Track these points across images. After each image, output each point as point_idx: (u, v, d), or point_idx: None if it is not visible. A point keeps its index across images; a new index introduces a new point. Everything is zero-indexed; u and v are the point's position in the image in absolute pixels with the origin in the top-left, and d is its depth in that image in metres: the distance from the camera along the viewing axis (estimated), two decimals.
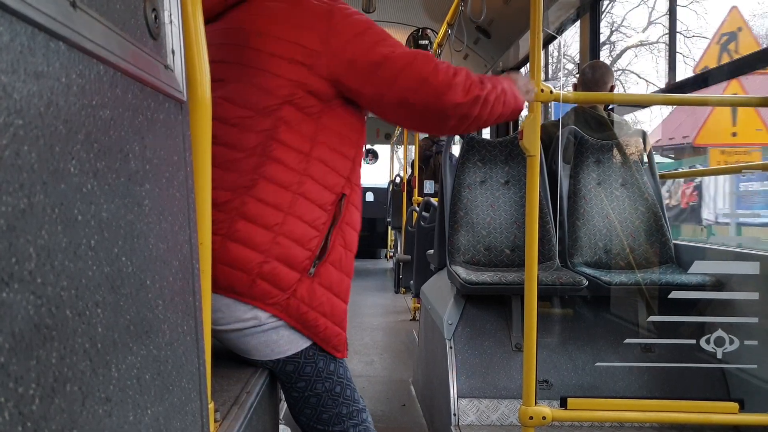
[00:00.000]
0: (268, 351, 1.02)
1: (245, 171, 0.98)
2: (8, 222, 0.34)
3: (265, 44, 1.02)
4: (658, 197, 2.51)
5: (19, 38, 0.36)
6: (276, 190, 0.98)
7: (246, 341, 1.02)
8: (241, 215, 0.96)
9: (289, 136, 1.01)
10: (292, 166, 1.00)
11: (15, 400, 0.33)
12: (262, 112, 1.00)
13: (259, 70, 1.01)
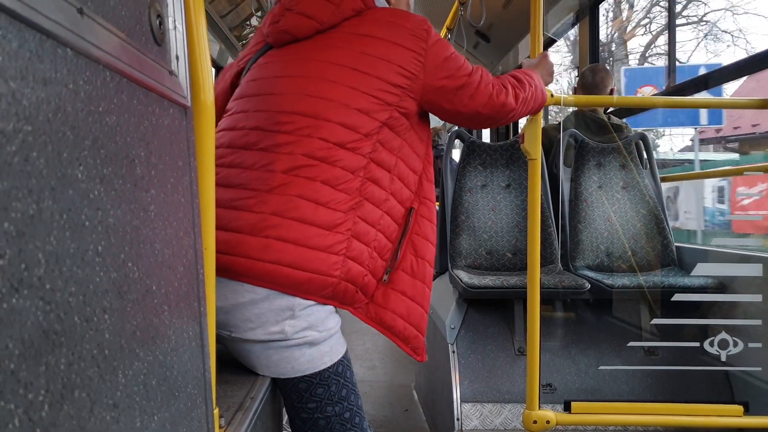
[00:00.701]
0: (288, 368, 1.02)
1: (353, 191, 1.02)
2: (18, 228, 0.34)
3: (368, 65, 1.06)
4: (659, 200, 2.51)
5: (27, 45, 0.36)
6: (373, 209, 1.05)
7: (268, 354, 1.01)
8: (354, 235, 1.02)
9: (384, 156, 1.07)
10: (384, 186, 1.07)
11: (25, 407, 0.33)
12: (366, 135, 1.05)
13: (363, 93, 1.05)
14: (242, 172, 1.02)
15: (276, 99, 1.07)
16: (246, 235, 0.97)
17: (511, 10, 3.54)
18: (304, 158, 1.00)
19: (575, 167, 2.54)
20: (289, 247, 0.96)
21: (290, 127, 1.02)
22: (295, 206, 0.97)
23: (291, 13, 1.12)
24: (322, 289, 0.99)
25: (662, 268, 2.40)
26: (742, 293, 1.92)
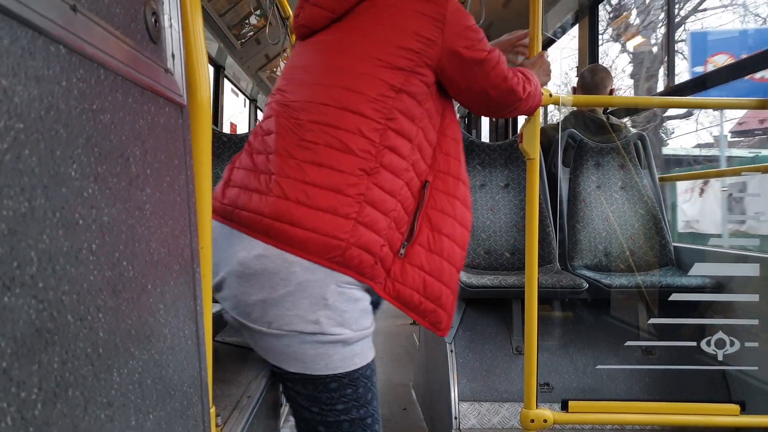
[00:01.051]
0: (322, 364, 1.00)
1: (365, 156, 1.01)
2: (9, 226, 0.33)
3: (381, 32, 1.06)
4: (657, 200, 2.51)
5: (19, 42, 0.36)
6: (393, 178, 1.03)
7: (304, 349, 0.99)
8: (368, 201, 1.00)
9: (404, 125, 1.06)
10: (404, 155, 1.06)
11: (17, 405, 0.33)
12: (375, 99, 1.03)
13: (370, 57, 1.05)
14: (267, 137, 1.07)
15: (291, 87, 1.10)
16: (254, 193, 1.01)
17: (510, 9, 3.54)
18: (309, 124, 1.01)
19: (574, 167, 2.54)
20: (291, 205, 0.97)
21: (297, 96, 1.06)
22: (300, 169, 0.99)
23: (308, 5, 1.13)
24: (327, 250, 0.97)
25: (660, 267, 2.40)
26: (739, 293, 1.92)
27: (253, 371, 1.09)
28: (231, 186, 1.07)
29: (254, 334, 1.02)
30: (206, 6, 3.49)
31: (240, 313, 1.01)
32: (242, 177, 1.05)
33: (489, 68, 1.13)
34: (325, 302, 0.98)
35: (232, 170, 1.10)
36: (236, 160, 1.12)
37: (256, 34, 4.31)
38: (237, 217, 1.01)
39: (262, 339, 1.01)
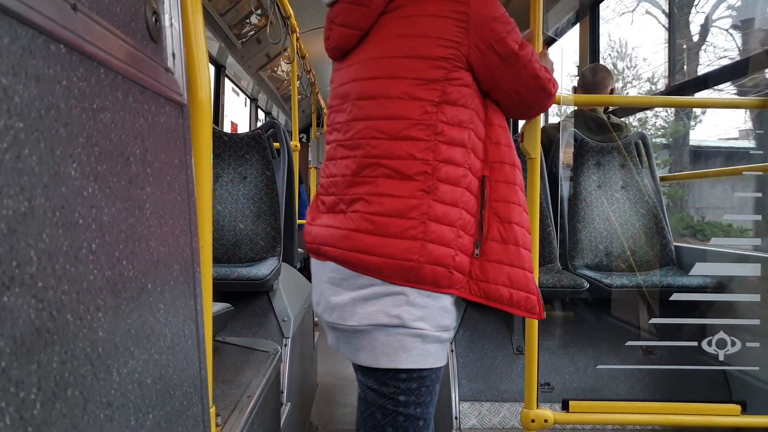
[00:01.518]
0: (402, 357, 1.04)
1: (419, 177, 1.04)
2: (9, 225, 0.33)
3: (407, 47, 1.05)
4: (658, 199, 2.51)
5: (19, 41, 0.36)
6: (451, 189, 1.05)
7: (389, 342, 1.04)
8: (431, 219, 1.03)
9: (454, 134, 1.05)
10: (460, 163, 1.06)
11: (16, 405, 0.32)
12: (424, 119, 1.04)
13: (403, 79, 1.05)
14: (333, 179, 1.15)
15: (341, 125, 1.14)
16: (330, 228, 1.10)
17: (511, 9, 3.53)
18: (364, 159, 1.06)
19: (575, 167, 2.54)
20: (362, 236, 1.04)
21: (349, 135, 1.10)
22: (365, 202, 1.05)
23: (335, 26, 1.14)
24: (401, 272, 1.02)
25: (661, 267, 2.40)
26: (740, 293, 1.92)
27: (253, 371, 1.09)
28: (316, 225, 1.16)
29: (345, 333, 1.08)
30: (207, 5, 3.49)
31: (332, 315, 1.08)
32: (324, 219, 1.14)
33: (520, 65, 1.09)
34: (406, 299, 1.04)
35: (315, 213, 1.19)
36: (315, 203, 1.21)
37: (257, 34, 4.31)
38: (323, 251, 1.11)
39: (354, 337, 1.07)
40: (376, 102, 1.06)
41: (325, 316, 1.11)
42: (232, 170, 2.52)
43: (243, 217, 2.46)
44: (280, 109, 6.43)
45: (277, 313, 2.20)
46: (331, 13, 1.15)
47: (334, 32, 1.14)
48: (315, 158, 5.21)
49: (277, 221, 2.46)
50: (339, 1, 1.13)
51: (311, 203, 1.22)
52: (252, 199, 2.48)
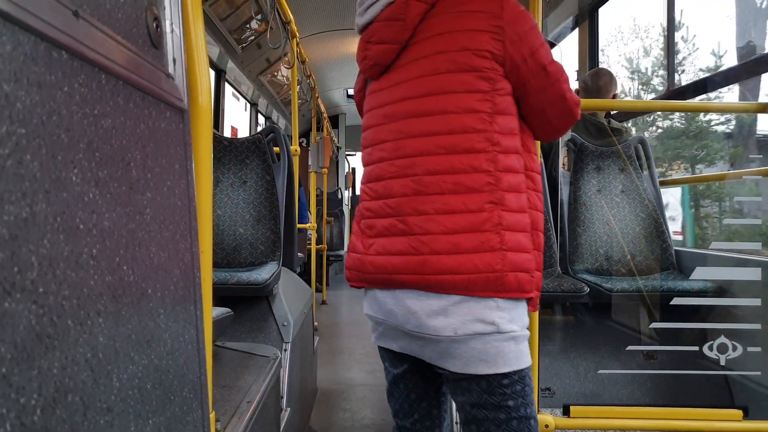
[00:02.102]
0: (501, 362, 1.04)
1: (484, 190, 1.03)
2: (10, 231, 0.33)
3: (449, 62, 1.05)
4: (658, 203, 2.51)
5: (21, 47, 0.36)
6: (517, 197, 1.06)
7: (486, 349, 1.04)
8: (505, 228, 1.03)
9: (509, 142, 1.06)
10: (518, 169, 1.07)
11: (17, 411, 0.32)
12: (482, 131, 1.04)
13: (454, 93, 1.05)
14: (388, 200, 1.10)
15: (382, 131, 1.13)
16: (403, 256, 1.06)
17: None
18: (426, 177, 1.05)
19: (574, 171, 2.54)
20: (443, 258, 1.02)
21: (400, 153, 1.08)
22: (436, 222, 1.03)
23: (372, 45, 1.15)
24: (488, 284, 1.02)
25: (661, 271, 2.40)
26: (741, 297, 1.92)
27: (253, 376, 1.09)
28: (372, 254, 1.11)
29: (438, 344, 1.06)
30: (207, 10, 3.50)
31: (423, 327, 1.05)
32: (383, 244, 1.09)
33: (549, 81, 1.09)
34: (496, 305, 1.04)
35: (362, 239, 1.15)
36: (358, 228, 1.16)
37: (257, 39, 4.32)
38: (399, 280, 1.06)
39: (450, 347, 1.05)
40: (431, 118, 1.06)
41: (407, 326, 1.08)
42: (232, 175, 2.52)
43: (243, 222, 2.46)
44: (280, 113, 6.44)
45: (277, 317, 2.20)
46: (366, 35, 1.17)
47: (371, 51, 1.15)
48: (315, 162, 5.22)
49: (277, 226, 2.46)
50: (373, 21, 1.15)
51: (355, 231, 1.19)
52: (252, 203, 2.48)
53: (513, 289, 1.04)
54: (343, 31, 5.10)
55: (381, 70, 1.17)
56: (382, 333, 1.17)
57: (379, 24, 1.14)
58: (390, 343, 1.16)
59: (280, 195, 2.52)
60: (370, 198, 1.14)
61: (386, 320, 1.12)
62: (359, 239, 1.16)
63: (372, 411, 2.84)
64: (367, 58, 1.17)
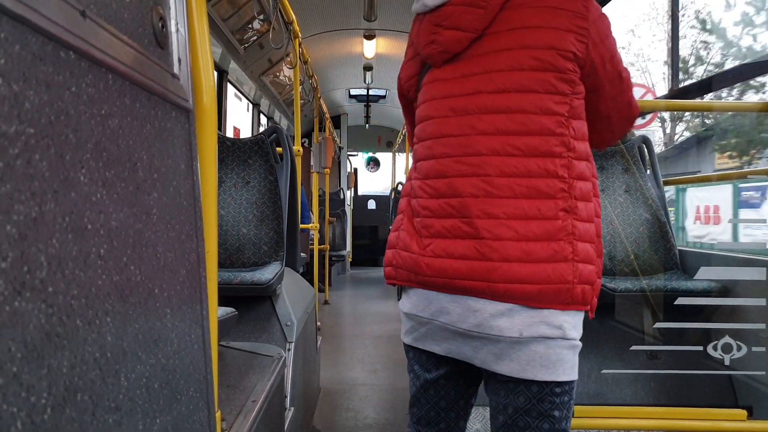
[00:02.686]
0: (560, 370, 1.00)
1: (558, 196, 0.99)
2: (20, 231, 0.34)
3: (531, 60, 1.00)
4: (662, 203, 2.51)
5: (29, 47, 0.36)
6: (586, 205, 1.01)
7: (549, 354, 1.00)
8: (577, 238, 0.99)
9: (580, 147, 1.02)
10: (588, 176, 1.03)
11: (27, 410, 0.33)
12: (560, 134, 1.00)
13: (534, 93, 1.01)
14: (451, 200, 1.03)
15: (447, 125, 1.06)
16: (467, 261, 1.00)
17: None
18: (499, 179, 0.99)
19: None
20: (514, 266, 0.97)
21: (472, 150, 1.02)
22: (508, 227, 0.98)
23: (444, 30, 1.07)
24: (557, 296, 0.98)
25: (665, 271, 2.39)
26: (746, 297, 1.91)
27: (257, 376, 1.09)
28: (429, 256, 1.04)
29: (499, 345, 1.01)
30: (210, 11, 3.50)
31: (485, 327, 1.00)
32: (442, 246, 1.03)
33: (621, 88, 1.06)
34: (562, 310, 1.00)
35: (418, 239, 1.07)
36: (411, 227, 1.09)
37: (260, 39, 4.32)
38: (460, 286, 1.01)
39: (509, 348, 1.00)
40: (507, 116, 1.00)
41: (464, 325, 1.02)
42: (235, 175, 2.52)
43: (246, 222, 2.46)
44: (282, 113, 6.45)
45: (281, 317, 2.20)
46: (437, 17, 1.08)
47: (442, 36, 1.07)
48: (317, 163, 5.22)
49: (280, 226, 2.47)
50: (448, 3, 1.06)
51: (401, 227, 1.12)
52: (255, 203, 2.49)
53: (578, 301, 0.99)
54: (346, 32, 5.10)
55: (448, 58, 1.08)
56: (424, 334, 1.10)
57: (455, 8, 1.05)
58: (432, 345, 1.09)
59: (282, 195, 2.52)
60: (427, 195, 1.07)
61: (435, 320, 1.06)
62: (413, 238, 1.08)
63: (375, 410, 2.84)
64: (436, 42, 1.08)
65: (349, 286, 7.50)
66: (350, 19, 4.79)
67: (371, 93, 7.51)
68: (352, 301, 6.20)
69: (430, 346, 1.09)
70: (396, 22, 4.80)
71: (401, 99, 1.26)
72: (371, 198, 9.56)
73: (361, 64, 6.18)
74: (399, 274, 1.10)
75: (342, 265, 8.08)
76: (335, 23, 4.83)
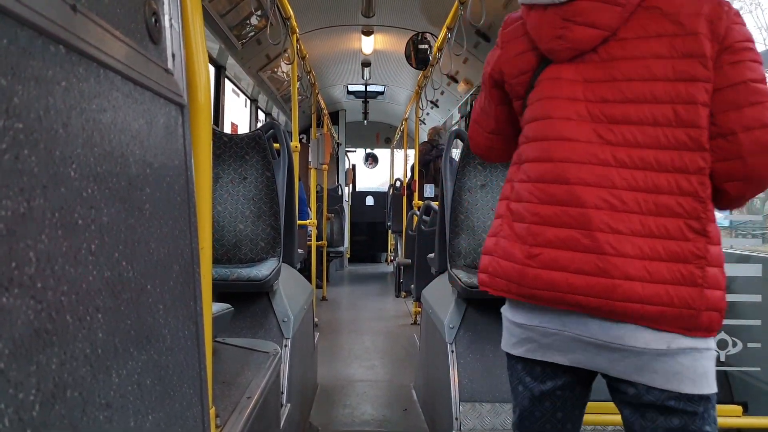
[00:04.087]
0: (705, 383, 0.95)
1: (692, 216, 0.93)
2: (8, 226, 0.33)
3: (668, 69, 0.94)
4: None
5: (18, 41, 0.36)
6: (715, 227, 0.95)
7: (695, 366, 0.95)
8: (709, 263, 0.93)
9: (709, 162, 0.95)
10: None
11: (15, 407, 0.32)
12: (690, 149, 0.93)
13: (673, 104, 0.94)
14: (570, 208, 0.97)
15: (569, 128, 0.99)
16: (583, 275, 0.94)
17: (510, 9, 3.53)
18: (627, 193, 0.94)
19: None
20: (636, 285, 0.92)
21: (599, 159, 0.96)
22: (632, 244, 0.93)
23: (575, 26, 0.99)
24: (678, 321, 0.93)
25: None
26: (741, 293, 1.92)
27: (253, 372, 1.09)
28: (536, 266, 0.98)
29: (642, 358, 0.96)
30: (207, 7, 3.49)
31: (629, 339, 0.95)
32: (554, 258, 0.96)
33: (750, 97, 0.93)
34: None
35: (521, 246, 1.00)
36: (513, 233, 1.02)
37: (257, 35, 4.31)
38: (574, 301, 0.96)
39: (653, 360, 0.95)
40: (639, 128, 0.95)
41: (603, 336, 0.97)
42: (232, 171, 2.52)
43: (243, 218, 2.46)
44: (280, 109, 6.44)
45: (277, 313, 2.20)
46: (567, 12, 1.00)
47: (573, 32, 0.99)
48: (315, 159, 5.22)
49: (277, 222, 2.46)
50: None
51: (500, 233, 1.05)
52: (252, 199, 2.48)
53: (703, 327, 0.93)
54: (344, 28, 5.09)
55: (573, 56, 1.01)
56: (547, 345, 1.03)
57: (590, 3, 0.97)
58: (555, 356, 1.02)
59: (280, 191, 2.52)
60: (538, 201, 0.99)
61: (565, 330, 0.99)
62: (514, 245, 1.01)
63: (372, 407, 2.85)
64: (565, 38, 1.00)
65: (346, 282, 7.51)
66: (348, 15, 4.78)
67: (369, 89, 7.51)
68: (349, 298, 6.21)
69: (552, 357, 1.02)
70: (394, 19, 4.79)
71: (492, 91, 1.17)
72: (369, 194, 9.56)
73: (359, 60, 6.17)
74: (496, 284, 1.04)
75: (340, 261, 8.08)
76: (333, 19, 4.82)
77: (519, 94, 1.11)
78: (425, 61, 4.82)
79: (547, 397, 1.07)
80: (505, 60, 1.12)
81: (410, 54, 5.07)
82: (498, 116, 1.19)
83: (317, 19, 4.72)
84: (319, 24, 4.87)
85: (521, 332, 1.05)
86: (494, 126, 1.20)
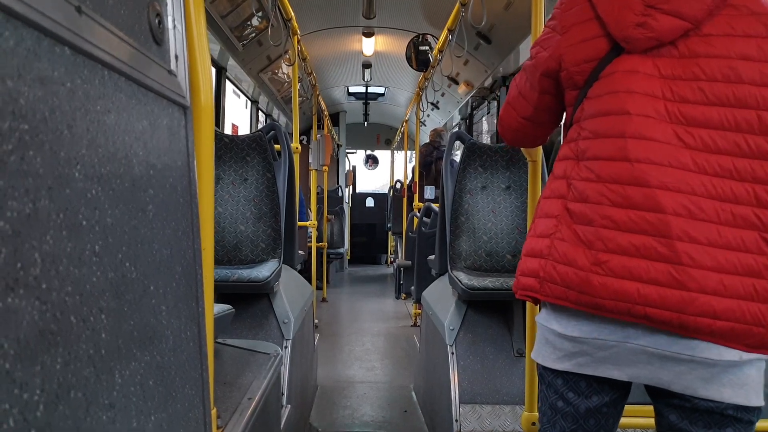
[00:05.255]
0: (753, 396, 0.92)
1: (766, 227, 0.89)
2: (13, 227, 0.33)
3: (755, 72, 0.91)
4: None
5: (24, 43, 0.36)
6: None
7: (759, 378, 0.93)
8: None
9: None
10: None
11: (20, 407, 0.32)
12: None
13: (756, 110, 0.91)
14: (648, 214, 0.91)
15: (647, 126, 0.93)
16: (654, 286, 0.90)
17: (512, 11, 3.54)
18: (707, 201, 0.89)
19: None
20: (711, 299, 0.88)
21: (678, 163, 0.91)
22: (709, 255, 0.89)
23: (661, 15, 0.93)
24: (746, 337, 0.89)
25: None
26: None
27: (254, 373, 1.09)
28: (603, 274, 0.92)
29: (713, 369, 0.91)
30: (208, 8, 3.50)
31: (702, 349, 0.91)
32: (626, 265, 0.90)
33: None
34: None
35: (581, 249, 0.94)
36: (578, 237, 0.95)
37: (258, 36, 4.31)
38: (642, 313, 0.90)
39: (723, 372, 0.91)
40: (719, 133, 0.91)
41: (673, 347, 0.92)
42: (233, 172, 2.52)
43: (243, 219, 2.46)
44: (280, 111, 6.44)
45: (278, 315, 2.20)
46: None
47: (658, 21, 0.93)
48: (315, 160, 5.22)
49: (277, 223, 2.46)
50: None
51: (555, 235, 0.98)
52: (252, 201, 2.48)
53: (766, 347, 0.90)
54: (345, 29, 5.09)
55: (651, 47, 0.95)
56: (602, 358, 0.96)
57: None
58: (611, 370, 0.96)
59: (280, 192, 2.52)
60: (610, 203, 0.92)
61: (626, 342, 0.94)
62: (577, 249, 0.94)
63: (372, 408, 2.85)
64: (647, 27, 0.94)
65: (347, 283, 7.51)
66: (349, 16, 4.79)
67: (370, 91, 7.51)
68: (349, 299, 6.21)
69: (605, 371, 0.96)
70: (395, 20, 4.80)
71: (542, 79, 1.09)
72: (369, 196, 9.57)
73: (359, 61, 6.17)
74: (548, 290, 0.97)
75: (340, 262, 8.08)
76: (334, 20, 4.82)
77: (577, 83, 1.03)
78: (426, 63, 4.82)
79: (594, 414, 1.01)
80: (567, 46, 1.03)
81: (411, 55, 5.07)
82: (538, 104, 1.12)
83: (318, 20, 4.73)
84: (320, 25, 4.87)
85: (572, 346, 0.98)
86: (531, 113, 1.14)
